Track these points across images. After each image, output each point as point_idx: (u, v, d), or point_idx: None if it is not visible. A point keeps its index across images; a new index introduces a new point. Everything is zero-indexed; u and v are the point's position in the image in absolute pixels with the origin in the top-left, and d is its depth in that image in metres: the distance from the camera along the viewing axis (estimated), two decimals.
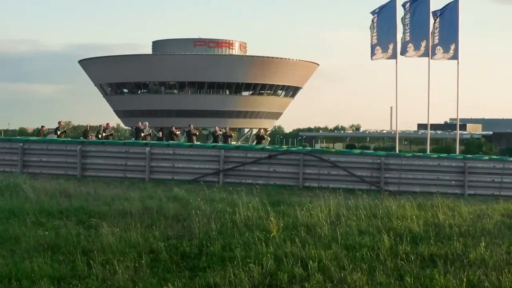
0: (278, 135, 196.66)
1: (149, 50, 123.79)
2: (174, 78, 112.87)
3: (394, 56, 44.84)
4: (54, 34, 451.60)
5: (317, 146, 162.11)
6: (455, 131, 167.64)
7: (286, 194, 20.40)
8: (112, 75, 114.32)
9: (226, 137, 40.52)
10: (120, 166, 22.26)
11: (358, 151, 21.60)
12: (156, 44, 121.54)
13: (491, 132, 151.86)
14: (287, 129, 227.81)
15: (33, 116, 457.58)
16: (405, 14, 44.78)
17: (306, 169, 21.26)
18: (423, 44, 44.48)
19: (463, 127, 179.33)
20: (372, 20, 45.52)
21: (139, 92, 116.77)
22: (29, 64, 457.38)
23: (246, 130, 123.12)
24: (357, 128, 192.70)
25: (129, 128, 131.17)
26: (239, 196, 19.55)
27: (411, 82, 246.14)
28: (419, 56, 44.64)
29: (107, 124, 38.26)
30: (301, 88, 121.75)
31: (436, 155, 21.64)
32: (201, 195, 20.00)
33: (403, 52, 44.95)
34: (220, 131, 43.12)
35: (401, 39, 44.72)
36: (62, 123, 39.20)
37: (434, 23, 44.82)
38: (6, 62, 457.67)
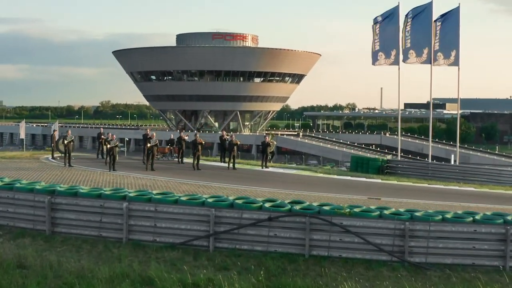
0: (285, 113, 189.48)
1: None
2: (195, 67, 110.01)
3: (396, 62, 37.88)
4: (97, 25, 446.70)
5: (319, 123, 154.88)
6: (438, 110, 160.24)
7: (289, 270, 13.52)
8: (142, 64, 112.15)
9: (231, 145, 33.50)
10: (94, 222, 15.24)
11: (376, 213, 14.33)
12: (179, 37, 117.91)
13: (468, 112, 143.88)
14: (293, 107, 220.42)
15: (79, 95, 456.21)
16: (406, 22, 37.71)
17: (313, 234, 14.16)
18: (425, 51, 37.48)
19: (443, 106, 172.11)
20: (374, 27, 38.39)
21: (165, 79, 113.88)
22: (76, 51, 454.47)
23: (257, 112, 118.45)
24: (353, 108, 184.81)
25: (157, 110, 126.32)
26: (230, 277, 12.76)
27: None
28: (421, 63, 37.59)
29: (112, 135, 31.20)
30: (305, 75, 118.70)
31: (471, 218, 14.43)
32: (184, 271, 13.23)
33: (405, 59, 37.96)
34: (228, 135, 36.13)
35: (402, 45, 37.67)
36: (69, 132, 32.52)
37: (435, 30, 37.65)
38: (57, 49, 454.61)
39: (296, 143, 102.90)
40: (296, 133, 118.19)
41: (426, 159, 49.86)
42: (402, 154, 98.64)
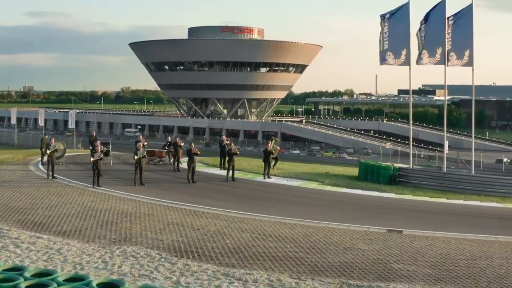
0: (289, 98, 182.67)
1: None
2: (205, 58, 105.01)
3: (407, 62, 31.02)
4: (120, 18, 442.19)
5: (320, 108, 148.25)
6: (428, 96, 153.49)
7: None
8: (156, 55, 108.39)
9: (230, 154, 26.92)
10: None
11: None
12: (190, 30, 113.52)
13: (458, 99, 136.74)
14: (297, 92, 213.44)
15: (103, 81, 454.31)
16: (421, 22, 30.93)
17: None
18: (439, 51, 30.61)
19: (433, 92, 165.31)
20: (381, 26, 31.53)
21: (177, 69, 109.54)
22: (102, 41, 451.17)
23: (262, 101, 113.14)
24: (351, 94, 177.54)
25: (170, 97, 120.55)
26: None
27: None
28: (435, 64, 30.73)
29: (97, 146, 24.37)
30: (308, 65, 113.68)
31: None
32: None
33: (418, 60, 31.16)
34: (227, 140, 29.63)
35: (418, 47, 30.86)
36: (52, 141, 26.14)
37: (448, 29, 30.74)
38: (84, 40, 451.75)
39: (299, 130, 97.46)
40: (299, 119, 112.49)
41: (439, 167, 42.98)
42: (399, 140, 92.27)
